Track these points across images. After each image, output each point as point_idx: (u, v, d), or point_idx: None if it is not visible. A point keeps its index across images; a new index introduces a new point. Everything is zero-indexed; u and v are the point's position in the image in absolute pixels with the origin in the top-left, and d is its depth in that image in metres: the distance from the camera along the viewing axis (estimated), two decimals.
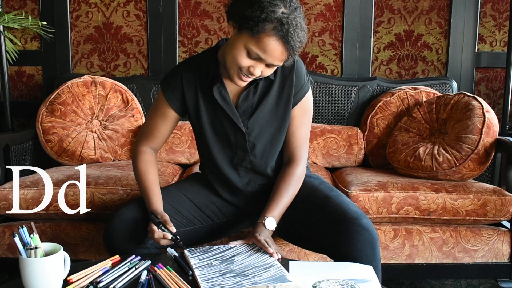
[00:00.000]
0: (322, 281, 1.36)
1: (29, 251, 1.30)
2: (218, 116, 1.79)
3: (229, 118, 1.77)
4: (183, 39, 3.29)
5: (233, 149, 1.82)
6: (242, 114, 1.78)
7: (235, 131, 1.79)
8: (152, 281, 1.38)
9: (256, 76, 1.62)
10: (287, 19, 1.50)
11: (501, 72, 3.31)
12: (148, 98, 3.12)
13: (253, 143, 1.81)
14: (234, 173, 1.86)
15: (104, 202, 2.29)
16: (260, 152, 1.83)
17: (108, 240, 1.74)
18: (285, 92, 1.79)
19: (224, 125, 1.79)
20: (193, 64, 1.83)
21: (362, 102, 3.10)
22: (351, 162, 2.93)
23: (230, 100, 1.77)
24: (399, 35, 3.29)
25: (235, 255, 1.56)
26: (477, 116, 2.44)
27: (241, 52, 1.57)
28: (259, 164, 1.85)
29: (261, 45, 1.53)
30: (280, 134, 1.83)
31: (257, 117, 1.78)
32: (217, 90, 1.75)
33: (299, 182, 1.85)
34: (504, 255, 2.35)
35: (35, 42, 3.32)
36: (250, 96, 1.78)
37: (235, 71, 1.62)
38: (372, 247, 1.64)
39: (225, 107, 1.76)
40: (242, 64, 1.58)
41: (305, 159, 1.87)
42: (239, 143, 1.81)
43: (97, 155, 2.86)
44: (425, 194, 2.28)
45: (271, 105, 1.79)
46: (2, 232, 2.36)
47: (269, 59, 1.56)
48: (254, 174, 1.87)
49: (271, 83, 1.78)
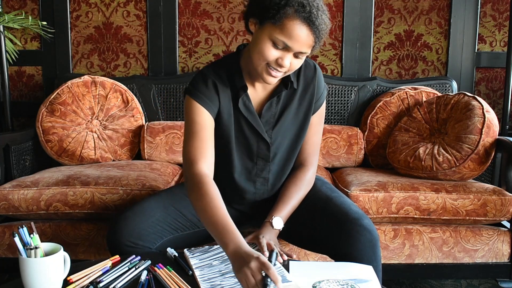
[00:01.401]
0: (322, 281, 1.36)
1: (29, 251, 1.30)
2: (242, 127, 1.74)
3: (253, 129, 1.74)
4: (183, 39, 3.29)
5: (253, 160, 1.80)
6: (265, 124, 1.75)
7: (258, 141, 1.76)
8: (152, 281, 1.38)
9: (285, 68, 1.56)
10: (308, 1, 1.48)
11: (501, 72, 3.32)
12: (148, 98, 3.12)
13: (275, 152, 1.79)
14: (250, 185, 1.84)
15: (104, 202, 2.29)
16: (279, 160, 1.82)
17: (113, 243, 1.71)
18: (306, 99, 1.77)
19: (247, 135, 1.75)
20: (220, 68, 1.73)
21: (362, 102, 3.10)
22: (351, 162, 2.93)
23: (253, 110, 1.73)
24: (399, 35, 3.29)
25: None
26: (477, 116, 2.44)
27: (267, 45, 1.53)
28: (276, 172, 1.84)
29: (286, 32, 1.48)
30: (299, 140, 1.83)
31: (280, 127, 1.76)
32: (242, 101, 1.70)
33: (309, 187, 1.86)
34: (504, 255, 2.35)
35: (35, 42, 3.32)
36: (274, 106, 1.75)
37: (263, 68, 1.57)
38: (373, 247, 1.64)
39: (249, 118, 1.72)
40: (269, 57, 1.53)
41: (316, 165, 1.89)
42: (261, 153, 1.78)
43: (97, 155, 2.86)
44: (425, 194, 2.28)
45: (292, 113, 1.76)
46: (2, 232, 2.36)
47: (296, 46, 1.51)
48: (268, 184, 1.86)
49: (294, 92, 1.75)
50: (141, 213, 1.74)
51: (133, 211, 1.75)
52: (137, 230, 1.69)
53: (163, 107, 3.13)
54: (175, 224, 1.77)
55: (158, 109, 3.12)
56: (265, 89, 1.75)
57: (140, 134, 2.96)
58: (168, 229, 1.75)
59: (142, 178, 2.38)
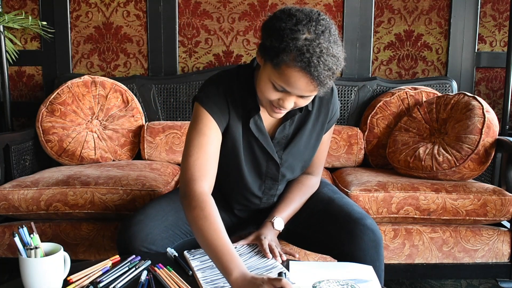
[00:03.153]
0: (322, 281, 1.36)
1: (29, 251, 1.30)
2: (251, 146, 1.69)
3: (263, 149, 1.70)
4: (183, 39, 3.29)
5: (262, 178, 1.77)
6: (277, 144, 1.71)
7: (268, 161, 1.73)
8: (152, 281, 1.38)
9: (289, 108, 1.50)
10: (309, 47, 1.33)
11: (501, 72, 3.31)
12: (148, 98, 3.12)
13: (284, 173, 1.77)
14: (257, 199, 1.83)
15: (104, 202, 2.29)
16: (287, 179, 1.82)
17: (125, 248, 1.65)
18: (319, 121, 1.73)
19: (257, 155, 1.71)
20: (235, 87, 1.65)
21: (362, 102, 3.10)
22: (351, 162, 2.93)
23: (265, 132, 1.67)
24: (399, 35, 3.29)
25: None
26: (477, 116, 2.44)
27: (267, 86, 1.45)
28: (284, 189, 1.85)
29: (283, 78, 1.39)
30: (309, 161, 1.82)
31: (292, 148, 1.73)
32: (253, 121, 1.64)
33: (312, 192, 1.87)
34: (504, 255, 2.35)
35: (35, 42, 3.32)
36: (287, 128, 1.70)
37: (268, 104, 1.52)
38: (376, 247, 1.64)
39: (260, 138, 1.67)
40: (270, 97, 1.47)
41: (321, 172, 1.91)
42: (270, 173, 1.76)
43: (97, 155, 2.86)
44: (425, 194, 2.28)
45: (306, 136, 1.73)
46: (2, 232, 2.36)
47: (296, 91, 1.42)
48: (274, 198, 1.86)
49: (308, 114, 1.70)
50: (155, 217, 1.70)
51: (146, 215, 1.70)
52: (151, 236, 1.65)
53: (163, 107, 3.13)
54: (185, 228, 1.75)
55: (158, 109, 3.12)
56: None
57: (140, 134, 2.96)
58: (179, 233, 1.73)
59: (142, 178, 2.38)
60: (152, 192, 2.29)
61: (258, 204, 1.85)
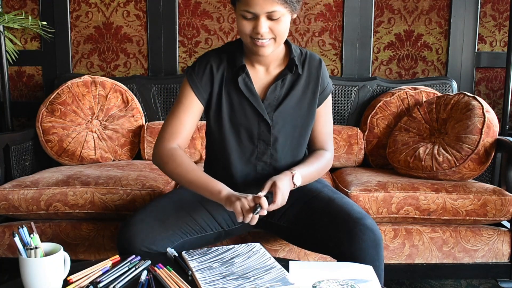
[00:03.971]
0: (322, 281, 1.36)
1: (29, 251, 1.30)
2: (242, 107, 1.78)
3: (254, 109, 1.77)
4: (183, 39, 3.29)
5: (254, 142, 1.81)
6: (268, 106, 1.78)
7: (259, 123, 1.78)
8: (152, 281, 1.38)
9: (266, 34, 1.62)
10: None
11: (501, 72, 3.32)
12: (148, 98, 3.12)
13: (276, 136, 1.80)
14: (250, 168, 1.84)
15: (104, 202, 2.29)
16: (281, 146, 1.83)
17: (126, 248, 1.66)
18: (310, 88, 1.82)
19: (247, 116, 1.78)
20: (222, 52, 1.82)
21: (362, 102, 3.10)
22: (351, 162, 2.93)
23: (255, 91, 1.78)
24: (399, 35, 3.29)
25: (235, 257, 1.55)
26: (477, 116, 2.44)
27: (240, 21, 1.63)
28: (279, 159, 1.84)
29: (244, 1, 1.59)
30: (303, 131, 1.85)
31: (283, 110, 1.79)
32: (242, 81, 1.77)
33: (327, 167, 1.89)
34: (504, 255, 2.35)
35: (35, 42, 3.32)
36: (278, 89, 1.79)
37: (250, 42, 1.66)
38: (376, 247, 1.64)
39: (250, 98, 1.77)
40: (245, 30, 1.63)
41: (332, 150, 1.92)
42: (262, 135, 1.80)
43: (97, 155, 2.86)
44: (425, 194, 2.28)
45: (296, 99, 1.80)
46: (2, 232, 2.36)
47: (258, 8, 1.57)
48: (272, 169, 1.85)
49: (298, 78, 1.80)
50: (155, 217, 1.71)
51: (147, 215, 1.71)
52: (152, 235, 1.66)
53: (163, 107, 3.13)
54: (185, 228, 1.75)
55: (158, 109, 3.12)
56: (269, 74, 1.81)
57: (140, 134, 2.96)
58: (179, 233, 1.73)
59: (142, 178, 2.38)
60: (152, 192, 2.29)
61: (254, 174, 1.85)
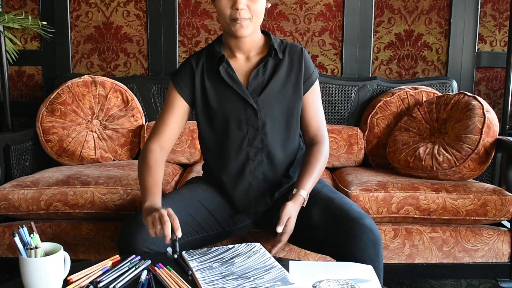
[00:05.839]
0: (322, 280, 1.36)
1: (29, 250, 1.30)
2: (227, 96, 1.82)
3: (239, 96, 1.80)
4: (183, 39, 3.29)
5: (243, 129, 1.83)
6: (253, 92, 1.81)
7: (246, 108, 1.81)
8: (152, 281, 1.38)
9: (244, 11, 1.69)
10: None
11: (501, 72, 3.31)
12: (148, 98, 3.12)
13: (264, 120, 1.82)
14: (244, 155, 1.85)
15: (104, 202, 2.29)
16: (271, 130, 1.84)
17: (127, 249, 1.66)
18: (293, 73, 1.85)
19: (233, 104, 1.82)
20: (202, 50, 1.91)
21: (362, 102, 3.10)
22: (351, 162, 2.93)
23: (238, 79, 1.81)
24: (399, 35, 3.29)
25: (235, 257, 1.55)
26: (477, 116, 2.44)
27: (219, 3, 1.71)
28: (270, 143, 1.85)
29: None
30: (290, 115, 1.86)
31: (267, 94, 1.81)
32: (224, 70, 1.81)
33: (326, 160, 1.89)
34: (504, 255, 2.35)
35: (35, 42, 3.32)
36: (260, 74, 1.83)
37: (230, 23, 1.72)
38: (375, 246, 1.64)
39: (234, 86, 1.81)
40: (225, 11, 1.70)
41: (327, 138, 1.92)
42: (250, 120, 1.82)
43: (97, 155, 2.86)
44: (425, 194, 2.28)
45: (280, 83, 1.83)
46: (2, 232, 2.36)
47: None
48: (264, 155, 1.85)
49: (280, 62, 1.84)
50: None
51: None
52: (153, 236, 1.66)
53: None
54: (186, 228, 1.75)
55: (158, 109, 3.12)
56: (249, 61, 1.85)
57: (140, 134, 2.96)
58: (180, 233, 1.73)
59: None
60: None
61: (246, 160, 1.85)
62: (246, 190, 1.88)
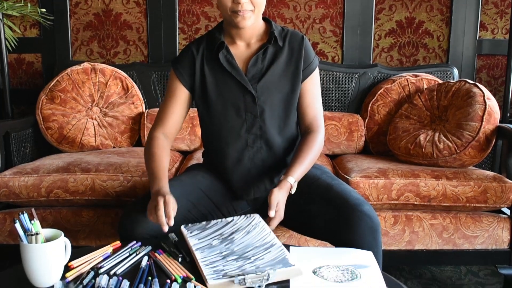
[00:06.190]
0: (322, 266, 1.36)
1: (30, 237, 1.30)
2: (227, 83, 1.82)
3: (238, 83, 1.80)
4: (183, 26, 3.28)
5: (242, 116, 1.83)
6: (251, 78, 1.81)
7: (244, 95, 1.81)
8: (153, 267, 1.39)
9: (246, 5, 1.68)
10: None
11: (502, 59, 3.31)
12: (148, 85, 3.11)
13: (262, 107, 1.82)
14: (242, 142, 1.85)
15: (105, 188, 2.29)
16: (269, 117, 1.83)
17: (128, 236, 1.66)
18: (293, 61, 1.84)
19: (232, 91, 1.82)
20: (202, 37, 1.91)
21: (363, 89, 3.09)
22: (351, 149, 2.93)
23: (237, 65, 1.81)
24: (400, 22, 3.28)
25: (234, 232, 1.55)
26: (478, 103, 2.44)
27: None
28: (268, 130, 1.85)
29: None
30: (289, 102, 1.85)
31: (266, 81, 1.81)
32: (223, 57, 1.81)
33: (320, 150, 1.87)
34: (503, 241, 2.35)
35: (34, 29, 3.31)
36: (259, 61, 1.82)
37: (231, 15, 1.71)
38: (374, 233, 1.65)
39: (233, 72, 1.80)
40: (226, 3, 1.69)
41: (323, 128, 1.90)
42: (248, 107, 1.82)
43: (97, 142, 2.86)
44: (426, 181, 2.28)
45: (279, 70, 1.83)
46: (3, 219, 2.36)
47: None
48: (263, 142, 1.86)
49: (280, 50, 1.83)
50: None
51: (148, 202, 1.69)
52: (153, 223, 1.63)
53: (163, 94, 3.12)
54: (187, 215, 1.75)
55: (158, 96, 3.11)
56: (250, 48, 1.85)
57: (140, 121, 2.95)
58: (181, 221, 1.71)
59: (142, 165, 2.38)
60: None
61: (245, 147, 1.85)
62: (246, 176, 1.88)
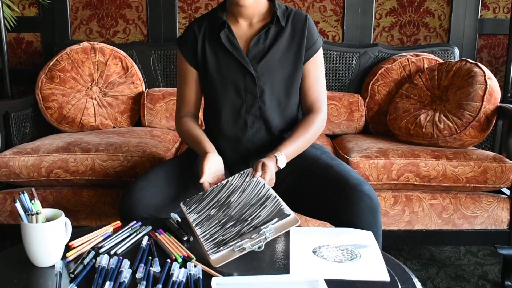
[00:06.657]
0: (322, 246, 1.37)
1: (30, 216, 1.30)
2: (227, 62, 1.82)
3: (238, 63, 1.80)
4: (183, 5, 3.25)
5: (242, 96, 1.83)
6: (252, 59, 1.81)
7: (245, 75, 1.81)
8: (153, 247, 1.39)
9: None
10: None
11: (503, 39, 3.28)
12: (148, 64, 3.09)
13: (262, 88, 1.82)
14: (242, 122, 1.85)
15: (105, 168, 2.29)
16: (269, 98, 1.83)
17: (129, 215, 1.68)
18: (295, 42, 1.83)
19: (233, 70, 1.82)
20: (204, 16, 1.91)
21: (363, 69, 3.08)
22: (351, 129, 2.92)
23: (238, 45, 1.81)
24: (401, 1, 3.25)
25: (230, 195, 1.54)
26: (479, 83, 2.43)
27: None
28: (268, 112, 1.84)
29: None
30: (290, 84, 1.85)
31: (267, 62, 1.81)
32: (225, 36, 1.81)
33: (318, 132, 1.87)
34: (503, 222, 2.36)
35: (33, 8, 3.29)
36: (261, 42, 1.82)
37: None
38: (373, 213, 1.65)
39: (234, 52, 1.80)
40: None
41: (325, 111, 1.90)
42: (248, 87, 1.82)
43: (97, 122, 2.85)
44: (426, 161, 2.28)
45: (281, 51, 1.82)
46: (4, 199, 2.37)
47: None
48: (262, 122, 1.86)
49: (282, 30, 1.82)
50: (157, 183, 1.74)
51: (148, 181, 1.73)
52: (154, 202, 1.68)
53: (163, 74, 3.11)
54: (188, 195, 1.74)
55: (158, 75, 3.10)
56: (252, 28, 1.84)
57: (140, 101, 2.95)
58: (182, 198, 1.70)
59: (142, 145, 2.38)
60: (152, 158, 2.30)
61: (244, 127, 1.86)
62: (245, 157, 1.89)
